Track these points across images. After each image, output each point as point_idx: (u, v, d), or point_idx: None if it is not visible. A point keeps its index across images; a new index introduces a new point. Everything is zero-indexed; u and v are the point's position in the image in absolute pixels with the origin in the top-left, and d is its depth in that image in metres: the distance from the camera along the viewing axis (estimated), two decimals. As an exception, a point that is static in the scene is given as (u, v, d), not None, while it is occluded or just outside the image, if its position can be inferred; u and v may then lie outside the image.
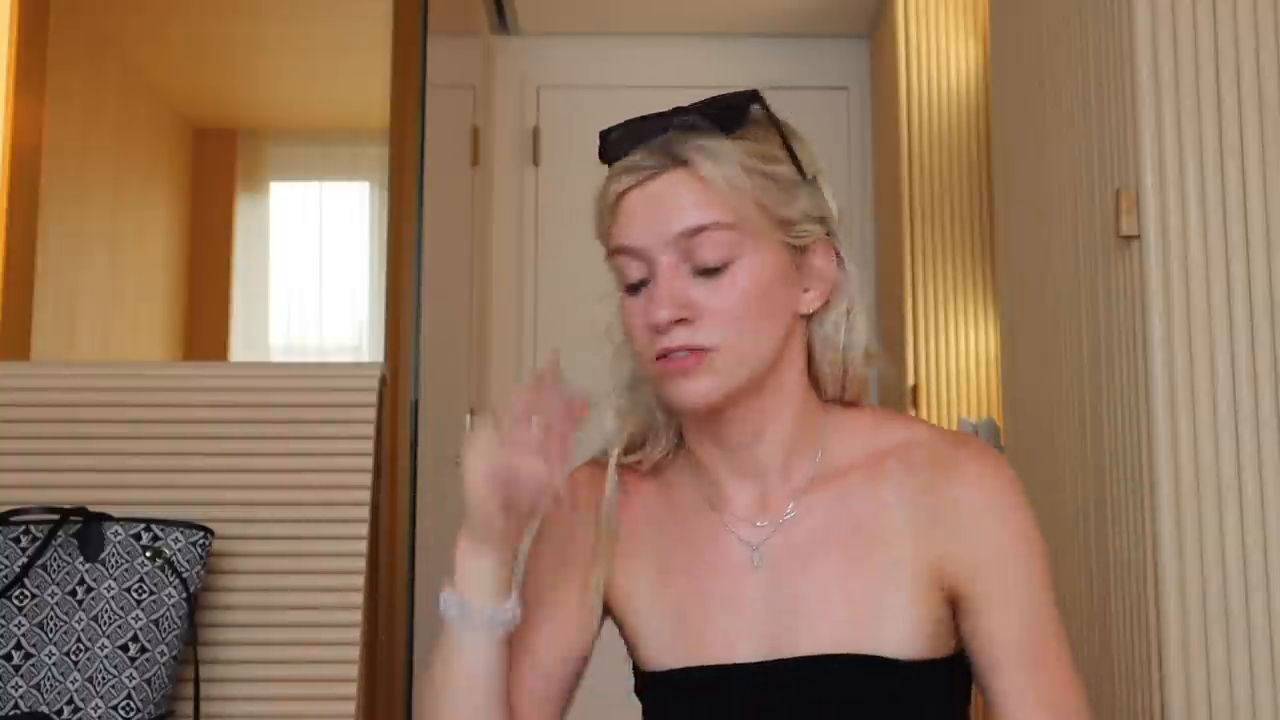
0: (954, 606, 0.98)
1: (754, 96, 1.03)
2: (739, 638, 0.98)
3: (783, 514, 1.00)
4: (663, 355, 0.96)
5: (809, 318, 1.01)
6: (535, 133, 3.59)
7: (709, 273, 0.96)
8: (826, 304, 1.01)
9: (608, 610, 1.07)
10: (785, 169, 0.99)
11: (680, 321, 0.95)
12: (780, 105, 1.10)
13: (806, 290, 1.00)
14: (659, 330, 0.95)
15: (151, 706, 1.55)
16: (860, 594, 0.96)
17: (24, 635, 1.54)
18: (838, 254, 1.01)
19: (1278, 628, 1.45)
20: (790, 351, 1.00)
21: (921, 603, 0.96)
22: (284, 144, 4.73)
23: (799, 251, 0.99)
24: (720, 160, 0.96)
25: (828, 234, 1.01)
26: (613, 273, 1.00)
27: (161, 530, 1.59)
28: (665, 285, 0.95)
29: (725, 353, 0.95)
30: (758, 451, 1.01)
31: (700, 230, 0.95)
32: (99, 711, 1.52)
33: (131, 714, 1.53)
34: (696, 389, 0.96)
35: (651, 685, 1.03)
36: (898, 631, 0.95)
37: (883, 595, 0.96)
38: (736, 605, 0.99)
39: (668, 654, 1.02)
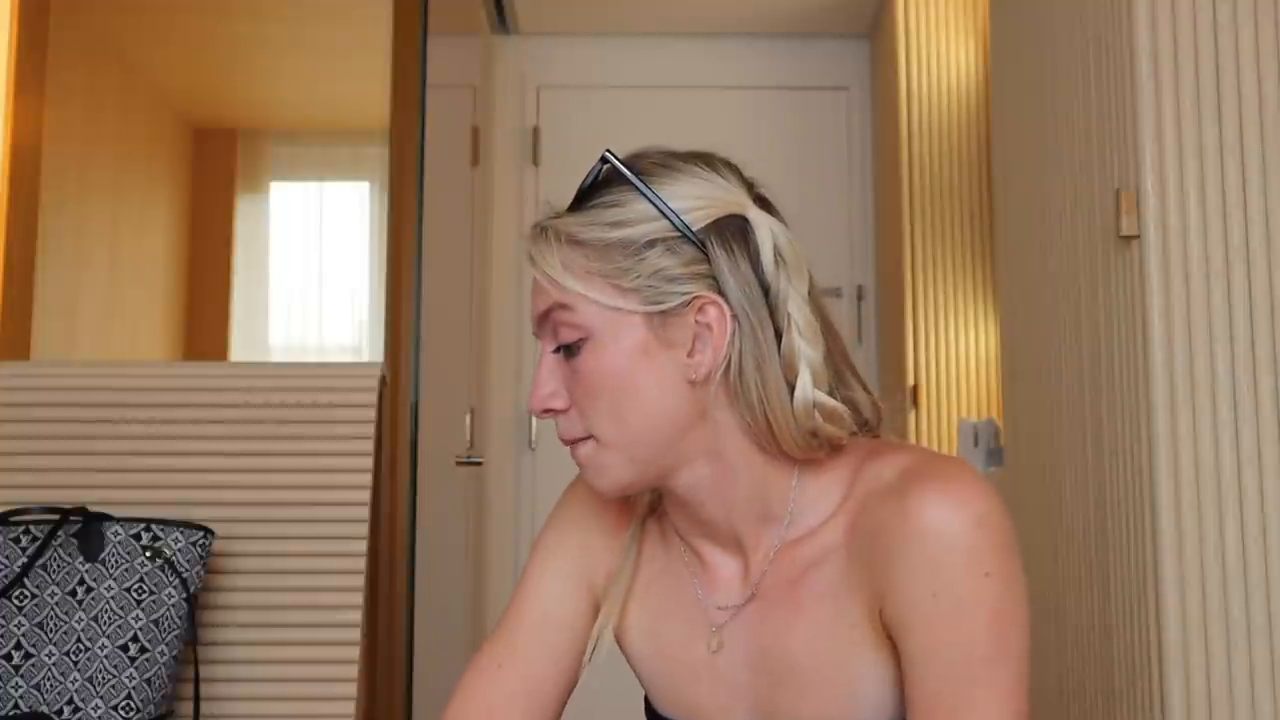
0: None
1: (603, 159, 0.92)
2: (726, 707, 0.94)
3: (745, 595, 0.93)
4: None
5: (731, 377, 0.88)
6: (535, 133, 3.59)
7: (570, 356, 0.90)
8: (730, 362, 0.88)
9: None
10: (638, 229, 0.88)
11: (549, 411, 0.91)
12: (780, 105, 1.05)
13: (691, 355, 0.88)
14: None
15: (151, 706, 1.55)
16: (829, 664, 0.89)
17: (24, 635, 1.54)
18: (731, 308, 0.87)
19: (1278, 628, 1.45)
20: (708, 421, 0.89)
21: (889, 658, 0.87)
22: (284, 144, 4.73)
23: (665, 316, 0.88)
24: (549, 239, 0.89)
25: (718, 289, 0.88)
26: None
27: (161, 530, 1.59)
28: (538, 374, 0.92)
29: (606, 439, 0.89)
30: (720, 523, 0.93)
31: (546, 314, 0.90)
32: (99, 711, 1.52)
33: (131, 714, 1.53)
34: (599, 483, 0.91)
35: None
36: (877, 695, 0.88)
37: (851, 661, 0.88)
38: (715, 680, 0.95)
39: (663, 703, 0.99)
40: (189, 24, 3.74)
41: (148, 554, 1.58)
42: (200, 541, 1.61)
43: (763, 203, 0.93)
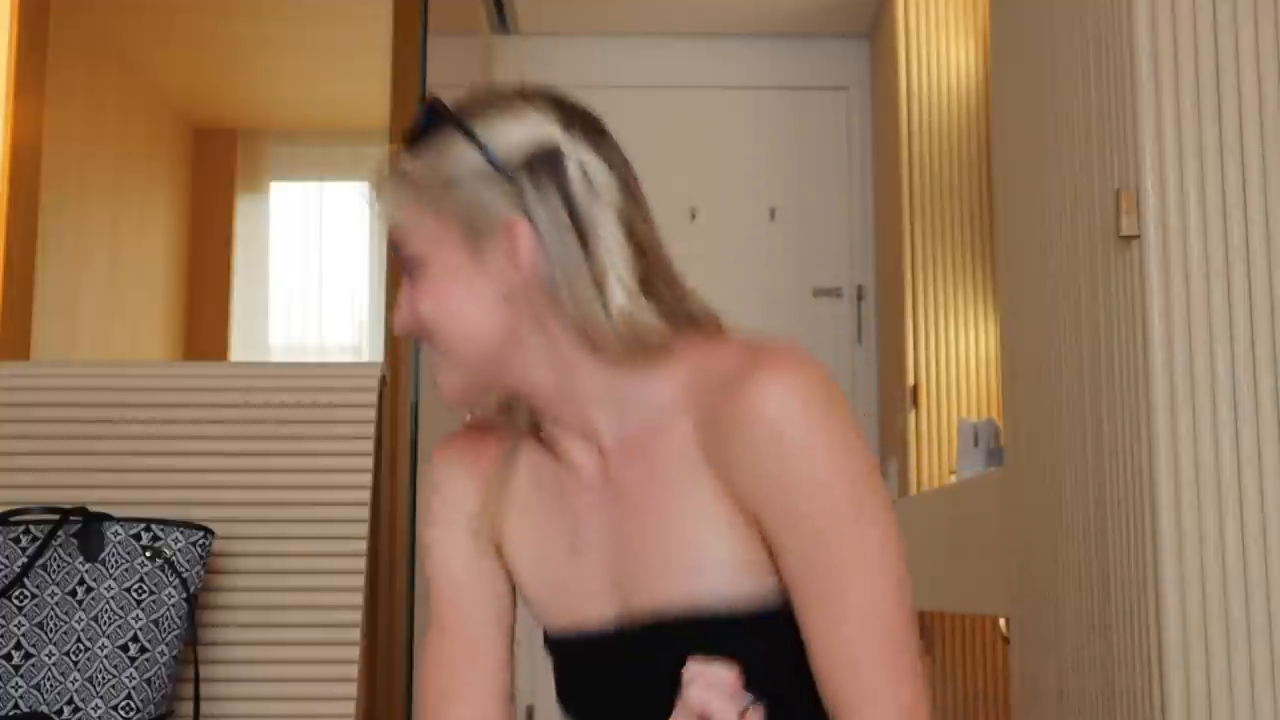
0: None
1: (429, 102, 1.03)
2: (594, 599, 1.00)
3: (603, 488, 1.00)
4: None
5: (548, 293, 0.98)
6: (535, 133, 3.58)
7: (411, 280, 1.00)
8: (544, 280, 0.97)
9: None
10: (458, 165, 0.97)
11: (405, 331, 1.01)
12: (780, 105, 1.08)
13: (505, 277, 0.98)
14: None
15: (151, 706, 1.55)
16: (683, 547, 0.94)
17: (24, 635, 1.54)
18: (540, 232, 0.96)
19: (1278, 628, 1.45)
20: (532, 333, 0.98)
21: (741, 546, 0.93)
22: (284, 144, 4.73)
23: (480, 242, 0.98)
24: (385, 178, 1.00)
25: (529, 216, 0.97)
26: None
27: (161, 530, 1.59)
28: (399, 300, 1.01)
29: (447, 350, 0.99)
30: (569, 419, 1.01)
31: (391, 243, 1.02)
32: (99, 711, 1.52)
33: (131, 714, 1.53)
34: (440, 391, 1.02)
35: (546, 644, 1.07)
36: (729, 581, 0.93)
37: (704, 545, 0.94)
38: (582, 575, 1.01)
39: (546, 618, 1.05)
40: (189, 24, 3.74)
41: (148, 554, 1.58)
42: (200, 541, 1.61)
43: (587, 129, 1.02)
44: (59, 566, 1.57)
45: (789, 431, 0.89)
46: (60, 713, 1.52)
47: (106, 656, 1.54)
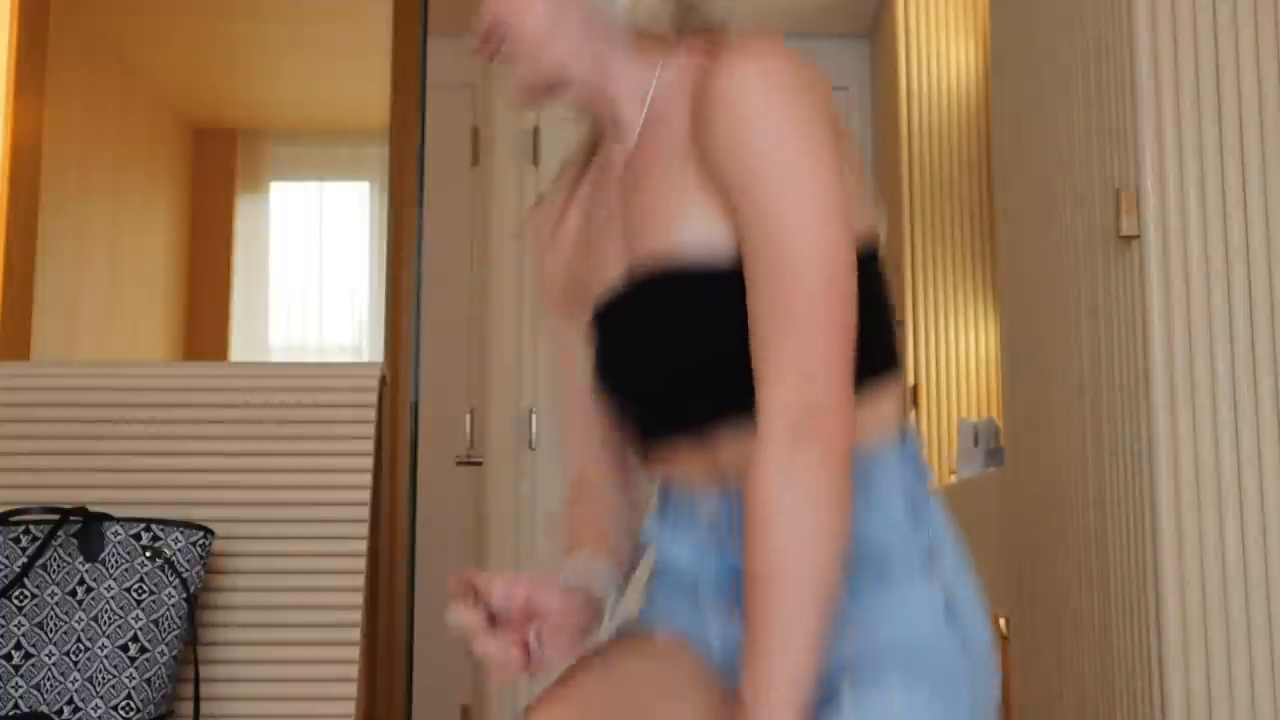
0: None
1: None
2: (611, 264, 1.11)
3: (629, 162, 1.11)
4: None
5: None
6: (535, 132, 3.58)
7: None
8: None
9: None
10: None
11: (484, 46, 1.12)
12: None
13: None
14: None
15: (151, 706, 1.55)
16: (670, 211, 1.04)
17: (24, 635, 1.54)
18: None
19: (1278, 628, 1.45)
20: (577, 27, 1.09)
21: (719, 215, 1.01)
22: (284, 144, 4.72)
23: None
24: None
25: None
26: None
27: (161, 530, 1.59)
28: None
29: (515, 47, 1.10)
30: (606, 111, 1.12)
31: None
32: (99, 711, 1.52)
33: (131, 714, 1.53)
34: (515, 95, 1.13)
35: (591, 326, 1.17)
36: (710, 241, 1.01)
37: (686, 210, 1.02)
38: (609, 240, 1.12)
39: (593, 301, 1.15)
40: (189, 24, 3.73)
41: (148, 554, 1.58)
42: (200, 541, 1.61)
43: None
44: (59, 566, 1.57)
45: (745, 112, 0.96)
46: (60, 713, 1.52)
47: (106, 656, 1.54)
